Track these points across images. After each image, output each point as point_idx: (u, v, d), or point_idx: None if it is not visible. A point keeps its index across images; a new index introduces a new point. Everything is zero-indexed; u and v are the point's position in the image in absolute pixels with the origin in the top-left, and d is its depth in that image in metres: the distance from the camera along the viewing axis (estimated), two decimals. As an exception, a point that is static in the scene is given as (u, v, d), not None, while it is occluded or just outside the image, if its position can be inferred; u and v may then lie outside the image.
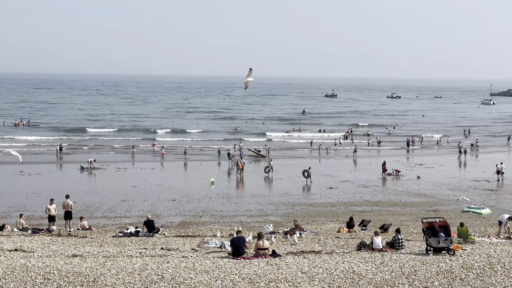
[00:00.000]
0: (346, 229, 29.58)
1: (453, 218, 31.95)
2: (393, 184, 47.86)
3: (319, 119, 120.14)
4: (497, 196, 42.11)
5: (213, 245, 24.03)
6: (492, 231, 29.21)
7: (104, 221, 33.27)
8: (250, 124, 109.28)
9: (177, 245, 24.19)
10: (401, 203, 39.76)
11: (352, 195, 42.81)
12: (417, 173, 52.45)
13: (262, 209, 37.27)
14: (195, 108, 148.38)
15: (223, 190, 44.50)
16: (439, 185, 46.70)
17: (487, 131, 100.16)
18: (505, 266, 17.83)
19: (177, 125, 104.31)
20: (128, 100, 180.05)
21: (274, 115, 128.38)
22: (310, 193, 43.01)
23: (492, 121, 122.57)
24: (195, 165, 58.58)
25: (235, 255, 20.02)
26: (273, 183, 48.45)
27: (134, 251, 21.61)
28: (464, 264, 18.06)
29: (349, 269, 17.48)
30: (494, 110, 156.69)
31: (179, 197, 40.91)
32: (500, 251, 20.76)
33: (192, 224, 32.61)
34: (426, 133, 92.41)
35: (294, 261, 18.80)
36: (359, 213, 35.65)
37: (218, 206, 38.21)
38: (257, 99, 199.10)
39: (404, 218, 33.90)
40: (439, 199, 41.08)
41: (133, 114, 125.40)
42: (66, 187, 43.59)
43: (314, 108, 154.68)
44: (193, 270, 17.09)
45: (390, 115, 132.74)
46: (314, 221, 33.57)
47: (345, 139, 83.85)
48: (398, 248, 21.65)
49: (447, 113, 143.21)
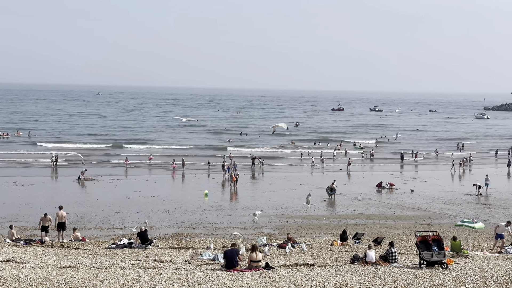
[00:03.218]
0: (340, 242, 29.58)
1: (446, 232, 31.99)
2: (386, 197, 47.92)
3: (311, 132, 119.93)
4: (490, 210, 42.19)
5: (206, 257, 24.00)
6: (485, 245, 29.28)
7: (97, 232, 33.18)
8: (246, 136, 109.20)
9: (170, 257, 24.14)
10: (394, 216, 39.80)
11: (346, 208, 42.84)
12: (410, 186, 52.54)
13: (256, 221, 37.23)
14: (189, 121, 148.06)
15: (217, 202, 44.44)
16: (433, 198, 46.78)
17: (481, 146, 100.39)
18: (498, 281, 17.86)
19: (170, 137, 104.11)
20: (123, 111, 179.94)
21: (269, 127, 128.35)
22: (304, 205, 42.93)
23: (486, 135, 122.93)
24: (189, 177, 58.52)
25: (228, 267, 20.00)
26: (266, 195, 48.36)
27: (127, 263, 21.55)
28: (457, 278, 18.09)
29: (342, 282, 17.48)
30: (488, 124, 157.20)
31: (173, 209, 40.83)
32: (493, 265, 20.81)
33: (186, 236, 32.55)
34: (420, 146, 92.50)
35: (287, 273, 18.79)
36: (352, 226, 35.66)
37: (212, 218, 38.16)
38: (254, 111, 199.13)
39: (398, 232, 33.92)
40: (433, 212, 41.13)
41: (126, 126, 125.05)
42: (60, 198, 43.46)
43: (307, 121, 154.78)
44: (186, 282, 17.06)
45: (384, 128, 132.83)
46: (307, 233, 33.56)
47: (337, 151, 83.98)
48: (392, 261, 21.67)
49: (441, 127, 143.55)
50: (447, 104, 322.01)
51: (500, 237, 28.35)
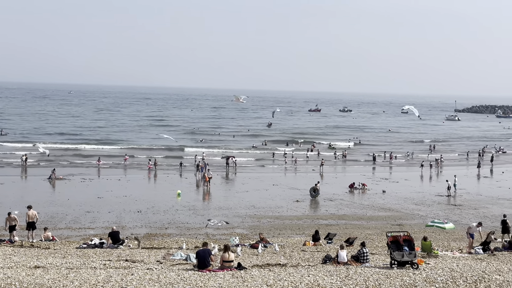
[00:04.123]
0: (312, 242, 29.68)
1: (417, 232, 32.28)
2: (359, 198, 48.22)
3: (283, 133, 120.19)
4: (460, 211, 42.70)
5: (178, 257, 23.90)
6: (455, 246, 29.63)
7: (68, 232, 32.84)
8: (219, 136, 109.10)
9: (142, 257, 23.98)
10: (366, 217, 40.07)
11: (318, 209, 43.04)
12: (382, 187, 52.96)
13: (229, 222, 37.17)
14: (162, 120, 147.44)
15: (190, 202, 44.29)
16: (404, 199, 47.20)
17: (452, 147, 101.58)
18: (467, 281, 18.08)
19: (142, 137, 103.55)
20: (95, 110, 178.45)
21: (244, 128, 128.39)
22: (277, 206, 43.04)
23: (457, 136, 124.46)
24: (162, 177, 58.25)
25: (201, 268, 19.93)
26: (239, 195, 48.33)
27: (98, 263, 21.36)
28: (427, 278, 18.26)
29: (314, 282, 17.54)
30: (459, 126, 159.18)
31: (145, 209, 40.59)
32: (463, 265, 21.06)
33: (158, 236, 32.38)
34: (392, 148, 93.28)
35: (260, 273, 18.79)
36: (325, 226, 35.81)
37: (184, 218, 38.02)
38: (229, 112, 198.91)
39: (369, 232, 34.15)
40: (404, 213, 41.50)
41: (97, 126, 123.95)
42: (30, 197, 42.97)
43: (280, 121, 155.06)
44: (157, 283, 16.97)
45: (356, 130, 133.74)
46: (280, 234, 33.61)
47: (310, 151, 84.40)
48: (363, 261, 21.80)
49: (413, 129, 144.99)
50: (419, 105, 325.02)
51: (471, 237, 28.87)
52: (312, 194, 47.12)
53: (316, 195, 46.86)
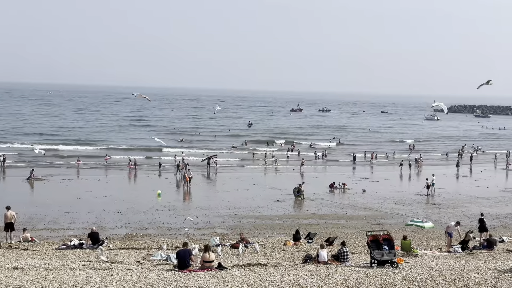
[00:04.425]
0: (292, 242, 29.74)
1: (396, 232, 32.46)
2: (339, 197, 48.40)
3: (264, 133, 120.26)
4: (439, 210, 43.04)
5: (158, 257, 23.81)
6: (434, 244, 29.86)
7: (47, 233, 32.55)
8: (200, 136, 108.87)
9: (122, 257, 23.86)
10: (346, 216, 40.22)
11: (299, 208, 43.13)
12: (362, 186, 53.19)
13: (209, 222, 37.14)
14: (141, 120, 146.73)
15: (170, 202, 44.12)
16: (384, 198, 47.46)
17: (431, 147, 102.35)
18: (446, 279, 18.23)
19: (121, 137, 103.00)
20: (75, 110, 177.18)
21: (224, 128, 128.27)
22: (257, 205, 43.05)
23: (436, 136, 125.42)
24: (142, 177, 57.97)
25: (181, 268, 19.88)
26: (220, 195, 48.28)
27: (77, 264, 21.21)
28: (407, 277, 18.39)
29: (294, 281, 17.57)
30: (438, 125, 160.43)
31: (125, 209, 40.37)
32: (442, 264, 21.24)
33: (138, 236, 32.21)
34: (372, 147, 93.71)
35: (240, 273, 18.79)
36: (305, 226, 35.87)
37: (165, 218, 37.88)
38: (210, 112, 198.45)
39: (350, 231, 34.29)
40: (384, 212, 41.73)
41: (76, 126, 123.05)
42: (8, 198, 42.45)
43: (260, 121, 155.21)
44: (137, 283, 16.90)
45: (336, 130, 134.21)
46: (260, 233, 33.62)
47: (291, 151, 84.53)
48: (343, 260, 21.89)
49: (392, 128, 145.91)
50: (399, 105, 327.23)
51: (450, 236, 29.17)
52: (295, 194, 47.17)
53: (300, 195, 46.92)
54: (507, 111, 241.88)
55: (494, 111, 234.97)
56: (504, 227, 36.83)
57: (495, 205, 45.34)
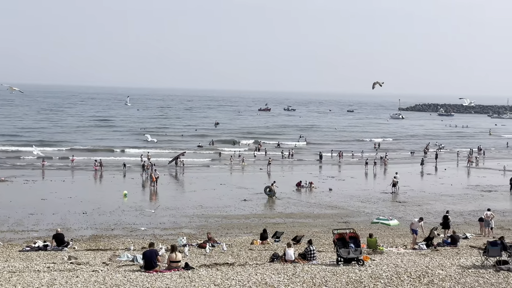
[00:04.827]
0: (260, 241, 29.78)
1: (363, 229, 32.75)
2: (306, 196, 48.60)
3: (231, 132, 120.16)
4: (404, 207, 43.52)
5: (125, 258, 23.62)
6: (399, 242, 30.21)
7: (10, 235, 32.03)
8: (166, 136, 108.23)
9: (87, 259, 23.62)
10: (313, 215, 40.42)
11: (266, 207, 43.20)
12: (329, 185, 53.47)
13: (176, 222, 36.98)
14: (107, 121, 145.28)
15: (136, 203, 43.79)
16: (350, 197, 47.81)
17: (396, 145, 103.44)
18: (412, 276, 18.46)
19: (85, 138, 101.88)
20: (38, 111, 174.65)
21: (191, 128, 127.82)
22: (224, 205, 43.00)
23: (401, 134, 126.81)
24: (108, 178, 57.43)
25: (147, 268, 19.76)
26: (187, 195, 48.12)
27: (42, 266, 20.93)
28: (373, 274, 18.56)
29: (261, 280, 17.60)
30: (403, 124, 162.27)
31: (91, 210, 39.93)
32: (407, 261, 21.50)
33: (104, 237, 31.91)
34: (338, 146, 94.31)
35: (207, 273, 18.76)
36: (272, 225, 35.94)
37: (131, 219, 37.57)
38: (176, 112, 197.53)
39: (316, 230, 34.47)
40: (350, 210, 42.05)
41: (40, 127, 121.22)
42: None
43: (227, 121, 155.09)
44: (103, 285, 16.75)
45: (303, 129, 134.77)
46: (228, 233, 33.60)
47: (258, 151, 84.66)
48: (310, 259, 21.99)
49: (358, 127, 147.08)
50: (366, 105, 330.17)
51: (415, 232, 29.63)
52: (267, 194, 47.21)
53: (272, 195, 46.97)
54: (470, 109, 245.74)
55: (457, 110, 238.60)
56: (468, 224, 37.41)
57: (459, 202, 46.05)
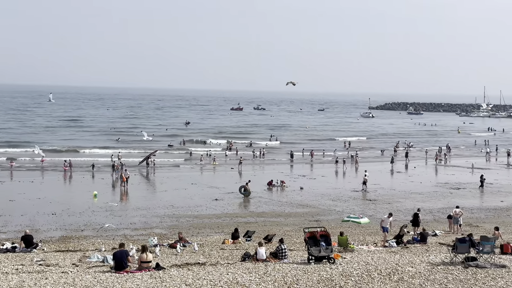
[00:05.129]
0: (231, 240, 29.75)
1: (334, 228, 32.92)
2: (277, 195, 48.69)
3: (201, 132, 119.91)
4: (375, 205, 43.88)
5: (95, 259, 23.39)
6: (370, 240, 30.44)
7: (-23, 237, 31.51)
8: (136, 136, 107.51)
9: (56, 260, 23.35)
10: (284, 213, 40.52)
11: (237, 206, 43.17)
12: (300, 184, 53.64)
13: (147, 222, 36.76)
14: (76, 121, 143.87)
15: (107, 203, 43.43)
16: (321, 195, 48.03)
17: (366, 144, 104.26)
18: (382, 273, 18.62)
19: (57, 139, 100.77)
20: (5, 111, 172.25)
21: (162, 127, 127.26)
22: (196, 205, 42.88)
23: (371, 133, 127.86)
24: (78, 178, 56.83)
25: (118, 269, 19.61)
26: (158, 195, 47.88)
27: (10, 268, 20.63)
28: (344, 272, 18.68)
29: (233, 280, 17.60)
30: (373, 123, 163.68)
31: (60, 211, 39.47)
32: (377, 258, 21.68)
33: (73, 238, 31.57)
34: (309, 145, 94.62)
35: (178, 273, 18.69)
36: (244, 224, 35.95)
37: (101, 220, 37.22)
38: (147, 111, 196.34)
39: (288, 229, 34.56)
40: (321, 209, 42.24)
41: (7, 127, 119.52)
42: None
43: (197, 120, 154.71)
44: (72, 286, 16.59)
45: (274, 128, 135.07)
46: (199, 233, 33.49)
47: (229, 150, 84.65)
48: (282, 258, 22.04)
49: (329, 126, 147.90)
50: (336, 103, 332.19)
51: (385, 230, 29.92)
52: (242, 193, 47.14)
53: (247, 194, 46.93)
54: (438, 108, 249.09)
55: (426, 108, 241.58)
56: (437, 221, 37.86)
57: (428, 199, 46.57)
